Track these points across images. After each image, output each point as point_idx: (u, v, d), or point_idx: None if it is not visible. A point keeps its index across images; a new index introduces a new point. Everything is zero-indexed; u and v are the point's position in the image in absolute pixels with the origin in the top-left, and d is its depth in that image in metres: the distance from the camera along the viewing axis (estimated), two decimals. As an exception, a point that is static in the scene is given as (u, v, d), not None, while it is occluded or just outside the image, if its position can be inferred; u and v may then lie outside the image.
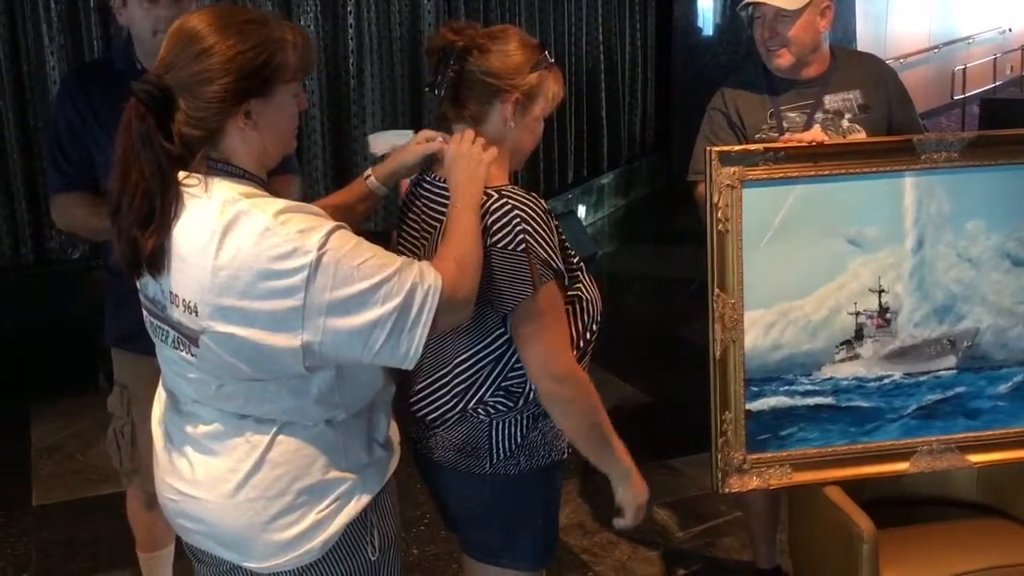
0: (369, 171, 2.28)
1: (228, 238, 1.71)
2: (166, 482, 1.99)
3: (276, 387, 1.82)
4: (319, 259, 1.69)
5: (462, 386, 2.12)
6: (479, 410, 2.13)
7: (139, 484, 2.99)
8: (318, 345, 1.74)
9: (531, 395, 2.11)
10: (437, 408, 2.15)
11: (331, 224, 1.75)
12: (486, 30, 2.13)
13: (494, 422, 2.14)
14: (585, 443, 2.14)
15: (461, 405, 2.13)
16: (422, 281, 1.77)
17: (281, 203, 1.75)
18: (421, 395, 2.17)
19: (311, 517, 1.89)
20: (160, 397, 2.05)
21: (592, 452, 2.15)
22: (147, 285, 1.86)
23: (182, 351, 1.83)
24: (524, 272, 1.98)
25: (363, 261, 1.73)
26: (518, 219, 1.99)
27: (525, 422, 2.15)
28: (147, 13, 2.69)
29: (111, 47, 5.67)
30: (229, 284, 1.71)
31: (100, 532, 3.94)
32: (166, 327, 1.85)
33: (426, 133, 2.20)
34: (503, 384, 2.11)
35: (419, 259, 1.88)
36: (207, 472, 1.90)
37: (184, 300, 1.76)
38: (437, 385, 2.15)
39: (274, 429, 1.86)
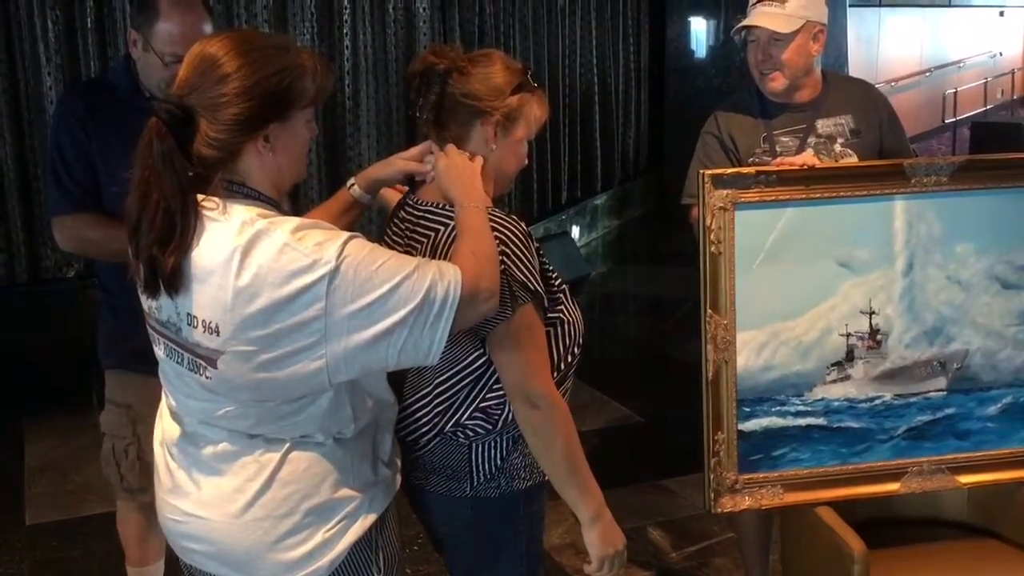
0: (352, 180, 2.31)
1: (249, 257, 1.72)
2: (169, 503, 1.98)
3: (287, 406, 1.83)
4: (337, 267, 1.71)
5: (440, 407, 2.12)
6: (458, 433, 2.12)
7: (136, 499, 2.98)
8: (343, 355, 1.75)
9: (510, 417, 2.10)
10: (416, 430, 2.15)
11: (347, 235, 1.77)
12: (468, 54, 2.15)
13: (473, 444, 2.13)
14: (555, 472, 2.09)
15: (439, 427, 2.12)
16: (441, 277, 1.78)
17: (297, 220, 1.78)
18: (401, 416, 2.16)
19: (319, 536, 1.89)
20: (161, 418, 2.05)
21: (562, 484, 2.10)
22: (160, 308, 1.85)
23: (198, 373, 1.83)
24: (503, 294, 1.99)
25: (381, 264, 1.75)
26: (497, 241, 2.01)
27: (505, 444, 2.15)
28: (166, 69, 2.66)
29: (108, 68, 5.69)
30: (251, 302, 1.72)
31: (93, 552, 3.93)
32: (181, 350, 1.85)
33: (414, 151, 2.22)
34: (481, 406, 2.11)
35: None
36: (213, 492, 1.90)
37: (204, 321, 1.77)
38: (417, 407, 2.14)
39: (284, 448, 1.87)
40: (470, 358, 2.09)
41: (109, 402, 2.99)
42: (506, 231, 2.03)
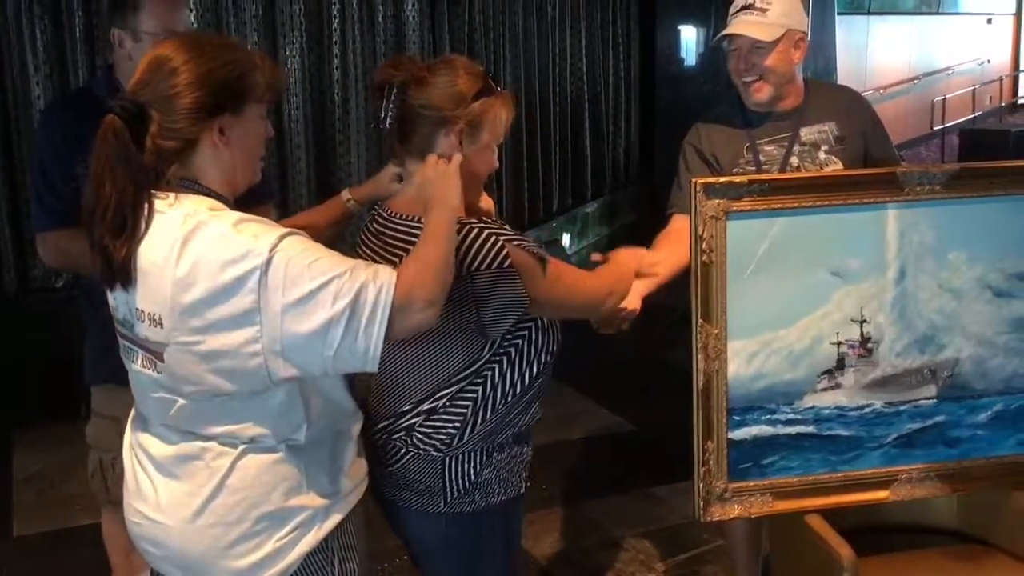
0: (347, 193, 2.35)
1: (187, 248, 1.75)
2: (132, 506, 2.01)
3: (238, 403, 1.84)
4: (270, 259, 1.73)
5: (412, 421, 2.13)
6: (408, 439, 2.13)
7: (120, 511, 2.96)
8: (279, 349, 1.76)
9: (466, 435, 2.12)
10: (390, 445, 2.16)
11: (285, 230, 1.80)
12: (427, 63, 2.14)
13: (447, 459, 2.13)
14: None
15: (411, 443, 2.14)
16: (375, 279, 1.79)
17: (240, 215, 1.81)
18: (374, 431, 2.17)
19: (270, 545, 1.90)
20: (130, 422, 2.07)
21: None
22: (118, 308, 1.89)
23: (149, 369, 1.86)
24: (515, 284, 2.01)
25: (314, 261, 1.76)
26: (493, 237, 2.01)
27: (478, 458, 2.15)
28: None
29: (92, 79, 5.68)
30: (188, 291, 1.75)
31: (81, 563, 3.90)
32: (135, 347, 1.89)
33: (394, 169, 2.28)
34: (444, 418, 2.12)
35: None
36: (169, 496, 1.93)
37: (149, 314, 1.80)
38: (388, 423, 2.15)
39: (235, 453, 1.88)
40: (452, 380, 2.09)
41: (96, 414, 2.97)
42: (498, 228, 2.07)
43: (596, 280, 2.39)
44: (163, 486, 1.94)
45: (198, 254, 1.75)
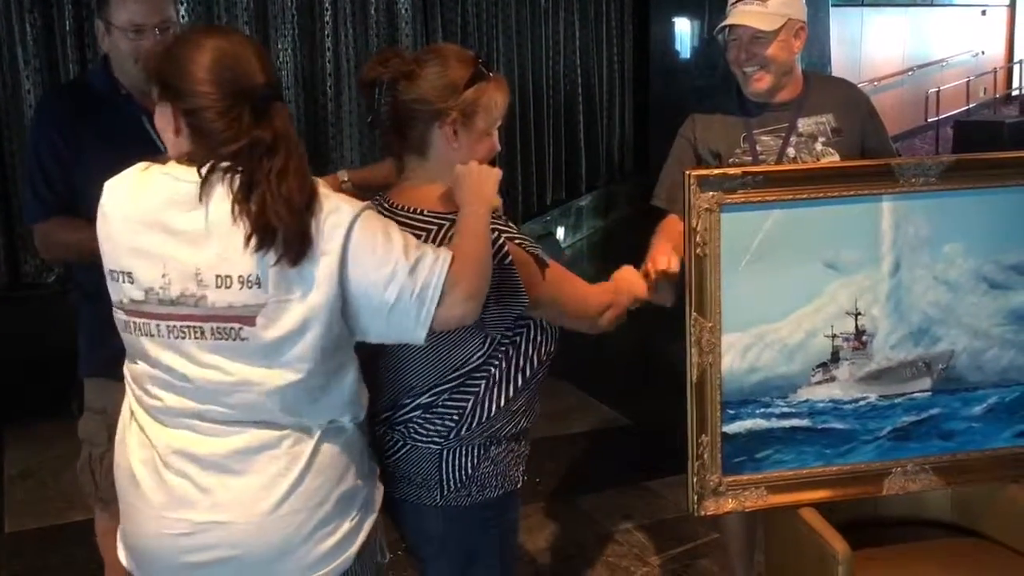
0: (344, 175, 2.36)
1: None
2: (168, 517, 1.90)
3: (316, 382, 1.85)
4: (356, 217, 1.83)
5: (407, 415, 2.12)
6: (405, 432, 2.13)
7: (111, 509, 2.94)
8: (352, 291, 1.83)
9: (463, 431, 2.11)
10: (388, 438, 2.15)
11: (367, 203, 1.93)
12: (414, 55, 2.11)
13: (444, 451, 2.12)
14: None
15: (409, 435, 2.13)
16: (434, 252, 1.87)
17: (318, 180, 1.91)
18: (373, 423, 2.16)
19: (346, 525, 1.94)
20: (134, 435, 1.98)
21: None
22: (170, 285, 1.82)
23: (230, 339, 1.81)
24: (515, 282, 2.00)
25: (386, 226, 1.87)
26: (495, 232, 2.00)
27: (476, 452, 2.14)
28: (130, 43, 2.70)
29: (87, 70, 5.66)
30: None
31: (73, 559, 3.89)
32: (200, 323, 1.82)
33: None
34: (435, 412, 2.11)
35: None
36: (232, 494, 1.87)
37: (240, 276, 1.79)
38: (387, 415, 2.14)
39: (315, 438, 1.90)
40: (448, 375, 2.09)
41: (88, 409, 2.95)
42: (500, 224, 2.06)
43: (597, 291, 2.37)
44: (219, 485, 1.87)
45: None
